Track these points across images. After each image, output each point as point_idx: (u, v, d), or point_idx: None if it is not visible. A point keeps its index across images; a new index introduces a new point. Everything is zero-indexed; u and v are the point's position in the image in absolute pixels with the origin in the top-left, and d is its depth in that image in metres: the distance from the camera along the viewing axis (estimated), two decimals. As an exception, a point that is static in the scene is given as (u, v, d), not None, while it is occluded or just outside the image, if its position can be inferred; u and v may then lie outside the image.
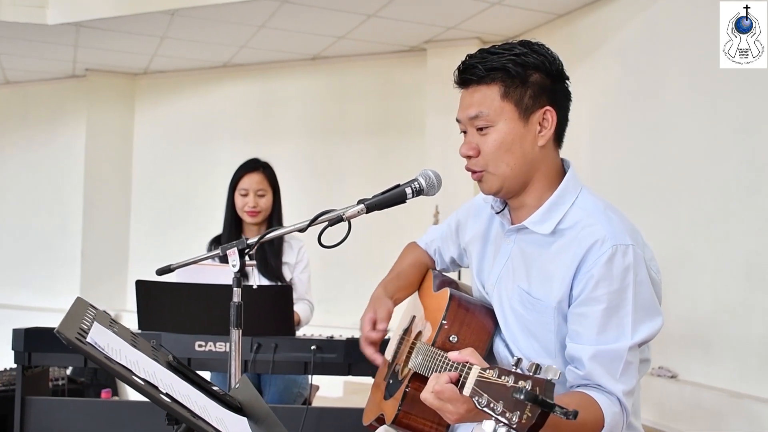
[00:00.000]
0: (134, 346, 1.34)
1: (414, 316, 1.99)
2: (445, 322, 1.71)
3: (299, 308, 3.28)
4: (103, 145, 7.49)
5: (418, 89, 6.23)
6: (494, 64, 1.64)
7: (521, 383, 1.12)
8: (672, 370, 3.90)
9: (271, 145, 6.58)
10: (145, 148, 7.58)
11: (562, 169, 1.73)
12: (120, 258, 7.45)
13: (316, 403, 3.43)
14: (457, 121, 1.71)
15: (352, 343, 2.69)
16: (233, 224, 3.32)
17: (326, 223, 1.66)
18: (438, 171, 1.78)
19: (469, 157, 1.68)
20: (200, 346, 2.67)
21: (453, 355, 1.40)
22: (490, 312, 1.77)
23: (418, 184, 1.72)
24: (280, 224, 3.33)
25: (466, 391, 1.26)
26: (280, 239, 3.32)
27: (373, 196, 1.70)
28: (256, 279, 3.23)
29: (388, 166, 6.35)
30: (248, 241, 1.78)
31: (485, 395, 1.19)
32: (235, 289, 1.79)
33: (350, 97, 6.65)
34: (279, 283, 3.21)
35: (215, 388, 1.46)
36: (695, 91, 4.00)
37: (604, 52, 4.79)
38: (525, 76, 1.64)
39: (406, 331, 2.03)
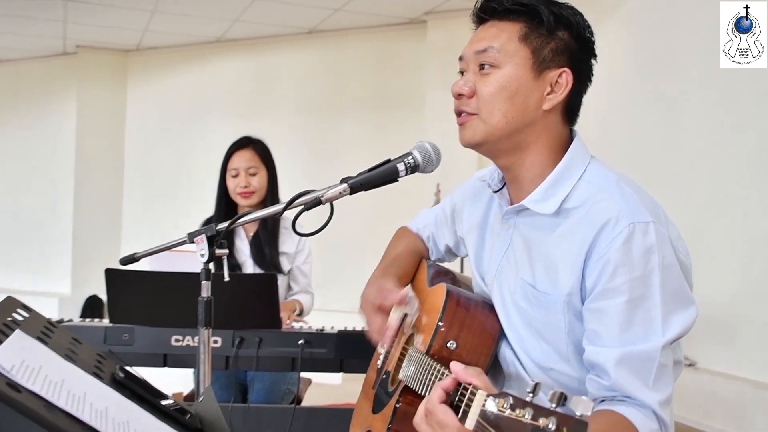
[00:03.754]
0: (69, 359, 1.11)
1: (405, 314, 1.72)
2: (441, 324, 1.44)
3: (303, 299, 3.06)
4: (94, 124, 7.36)
5: (417, 63, 6.03)
6: (524, 1, 1.40)
7: (542, 421, 0.87)
8: (690, 358, 3.66)
9: (266, 121, 6.40)
10: (138, 126, 7.45)
11: (569, 142, 1.46)
12: (112, 239, 7.31)
13: (311, 393, 3.22)
14: (460, 59, 1.46)
15: (344, 337, 2.45)
16: (225, 208, 3.07)
17: (302, 206, 1.40)
18: (439, 147, 1.50)
19: (460, 97, 1.43)
20: (177, 340, 2.43)
21: (456, 367, 1.14)
22: (495, 311, 1.51)
23: (413, 159, 1.44)
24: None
25: (469, 423, 1.01)
26: (276, 226, 3.07)
27: (359, 174, 1.43)
28: (251, 271, 3.00)
29: (386, 142, 6.10)
30: (218, 227, 1.54)
31: None
32: (203, 282, 1.56)
33: (347, 72, 6.45)
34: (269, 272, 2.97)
35: (170, 401, 1.22)
36: (711, 63, 3.75)
37: (616, 19, 4.54)
38: (553, 28, 1.40)
39: (397, 332, 1.79)
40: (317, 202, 1.39)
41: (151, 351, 2.43)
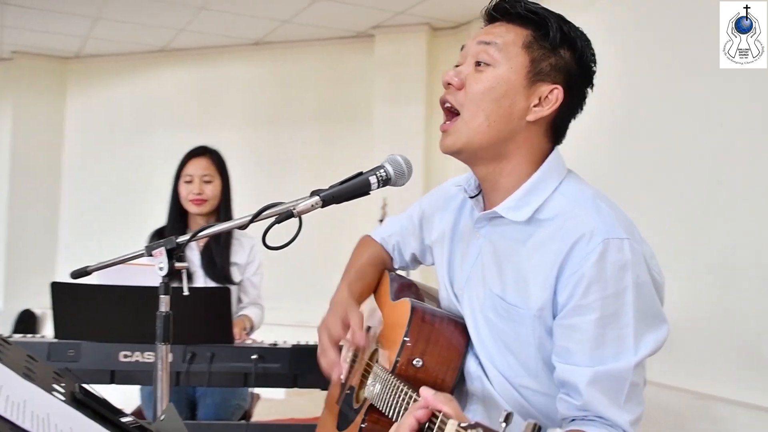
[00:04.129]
0: (27, 377, 1.06)
1: (369, 327, 1.69)
2: (407, 339, 1.42)
3: (252, 312, 3.01)
4: (31, 133, 7.12)
5: (365, 76, 6.03)
6: (537, 11, 1.42)
7: None
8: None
9: (212, 133, 6.24)
10: (77, 136, 7.23)
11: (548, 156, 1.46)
12: (48, 253, 7.07)
13: (258, 411, 3.16)
14: (461, 48, 1.47)
15: (298, 351, 2.41)
16: (178, 216, 3.01)
17: (274, 219, 1.37)
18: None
19: (449, 86, 1.43)
20: (126, 356, 2.36)
21: (427, 392, 1.11)
22: (460, 326, 1.49)
23: (385, 172, 1.42)
24: (228, 217, 3.03)
25: None
26: (228, 236, 3.03)
27: (330, 187, 1.40)
28: (202, 281, 2.94)
29: (334, 155, 6.12)
30: (178, 240, 1.50)
31: None
32: (162, 296, 1.51)
33: (295, 85, 6.41)
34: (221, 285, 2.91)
35: (129, 419, 1.18)
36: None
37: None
38: (558, 45, 1.41)
39: (349, 369, 1.75)
40: (289, 215, 1.36)
41: (98, 367, 2.34)
